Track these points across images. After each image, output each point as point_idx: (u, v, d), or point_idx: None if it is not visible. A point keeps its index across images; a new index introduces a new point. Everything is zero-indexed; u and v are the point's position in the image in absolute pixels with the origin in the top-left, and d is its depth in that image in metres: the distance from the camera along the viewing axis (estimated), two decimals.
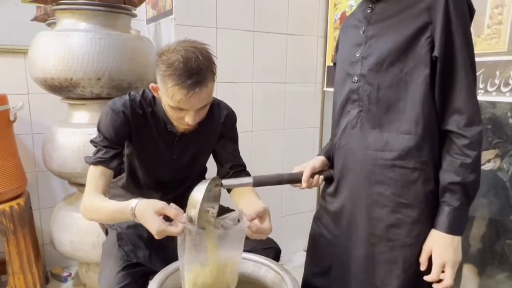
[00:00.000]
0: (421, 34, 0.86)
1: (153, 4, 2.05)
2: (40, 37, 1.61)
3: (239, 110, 2.07)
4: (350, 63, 0.98)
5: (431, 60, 0.86)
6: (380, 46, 0.91)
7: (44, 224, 2.05)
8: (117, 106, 1.10)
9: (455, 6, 0.83)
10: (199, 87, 0.96)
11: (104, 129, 1.10)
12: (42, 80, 1.60)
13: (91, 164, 1.09)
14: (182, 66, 0.94)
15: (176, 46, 0.98)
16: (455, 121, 0.86)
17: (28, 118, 1.96)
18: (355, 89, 0.96)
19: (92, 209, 1.04)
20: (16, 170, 1.73)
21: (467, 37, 0.85)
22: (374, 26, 0.94)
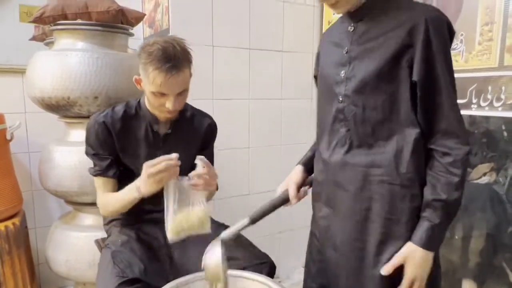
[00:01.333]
0: (402, 57, 0.87)
1: (150, 23, 2.08)
2: (38, 57, 1.63)
3: (236, 126, 2.10)
4: (335, 82, 0.98)
5: (412, 82, 0.87)
6: (363, 68, 0.91)
7: (39, 243, 2.03)
8: (98, 119, 1.22)
9: (435, 29, 0.84)
10: (176, 71, 1.10)
11: (90, 142, 1.24)
12: (39, 99, 1.61)
13: (92, 175, 1.25)
14: (161, 53, 1.08)
15: (156, 38, 1.13)
16: (441, 140, 0.87)
17: (25, 137, 1.96)
18: (341, 109, 0.97)
19: (106, 203, 1.24)
20: (12, 190, 1.72)
21: (447, 60, 0.86)
22: (357, 47, 0.94)
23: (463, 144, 0.86)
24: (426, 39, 0.84)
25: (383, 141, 0.92)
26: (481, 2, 1.36)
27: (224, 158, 2.05)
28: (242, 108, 2.08)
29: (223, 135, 2.03)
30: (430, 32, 0.83)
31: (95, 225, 1.69)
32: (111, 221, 1.37)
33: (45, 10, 1.59)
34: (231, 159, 2.09)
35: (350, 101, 0.94)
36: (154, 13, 2.02)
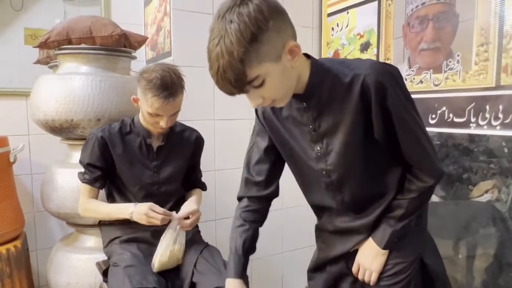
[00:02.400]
0: (364, 120, 0.87)
1: (152, 46, 2.13)
2: (42, 80, 1.66)
3: (237, 146, 2.11)
4: (311, 158, 0.96)
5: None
6: (336, 143, 0.91)
7: (40, 265, 2.01)
8: (97, 133, 1.37)
9: (383, 87, 0.83)
10: (173, 98, 1.27)
11: (86, 154, 1.37)
12: (43, 121, 1.63)
13: (81, 181, 1.40)
14: (160, 82, 1.24)
15: (155, 67, 1.28)
16: (414, 170, 0.93)
17: (27, 159, 1.97)
18: (330, 182, 0.96)
19: (91, 209, 1.39)
20: (14, 212, 1.72)
21: (405, 107, 0.86)
22: (321, 124, 0.91)
23: (436, 178, 0.91)
24: (378, 99, 0.83)
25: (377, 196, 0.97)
26: (476, 24, 1.39)
27: (224, 178, 2.06)
28: (243, 128, 2.10)
29: (224, 155, 2.06)
30: (380, 91, 0.83)
31: (96, 247, 1.68)
32: (110, 241, 1.40)
33: (50, 35, 1.63)
34: (231, 179, 2.09)
35: (336, 174, 0.94)
36: (156, 36, 2.06)
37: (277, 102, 0.85)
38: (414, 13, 1.62)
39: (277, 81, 0.79)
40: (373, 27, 1.82)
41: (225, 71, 0.73)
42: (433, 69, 1.57)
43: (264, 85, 0.78)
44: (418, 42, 1.61)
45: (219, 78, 0.75)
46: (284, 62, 0.79)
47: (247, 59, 0.73)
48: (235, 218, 1.08)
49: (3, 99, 1.92)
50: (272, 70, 0.77)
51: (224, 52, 0.72)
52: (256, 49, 0.73)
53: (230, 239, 1.06)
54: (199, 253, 1.33)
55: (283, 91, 0.84)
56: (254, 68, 0.75)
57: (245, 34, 0.72)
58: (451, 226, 1.61)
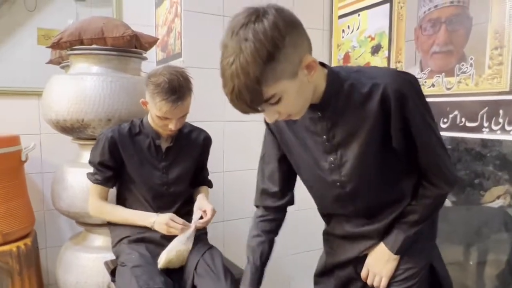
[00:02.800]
0: (383, 130, 0.86)
1: (163, 47, 2.14)
2: (54, 81, 1.67)
3: (247, 148, 2.11)
4: (324, 170, 0.94)
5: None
6: (351, 154, 0.90)
7: (50, 263, 2.03)
8: (106, 133, 1.38)
9: (403, 97, 0.82)
10: (181, 101, 1.27)
11: (96, 154, 1.38)
12: (54, 121, 1.65)
13: (92, 182, 1.41)
14: (168, 86, 1.24)
15: (162, 70, 1.28)
16: (430, 176, 0.92)
17: (39, 157, 1.99)
18: (343, 193, 0.95)
19: (105, 212, 1.42)
20: (24, 210, 1.74)
21: (424, 118, 0.86)
22: (336, 134, 0.90)
23: (451, 186, 0.92)
24: (398, 109, 0.82)
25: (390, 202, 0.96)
26: (490, 27, 1.37)
27: (232, 180, 2.06)
28: (253, 129, 2.10)
29: (233, 156, 2.06)
30: (400, 100, 0.82)
31: (104, 246, 1.69)
32: (119, 241, 1.41)
33: (62, 36, 1.64)
34: (240, 180, 2.09)
35: (351, 185, 0.93)
36: (167, 37, 2.07)
37: (293, 116, 0.83)
38: (426, 15, 1.61)
39: (294, 97, 0.77)
40: (385, 29, 1.81)
41: (241, 91, 0.71)
42: (445, 73, 1.55)
43: (281, 102, 0.76)
44: (430, 45, 1.59)
45: (234, 97, 0.73)
46: (300, 78, 0.77)
47: (263, 78, 0.71)
48: (253, 227, 1.10)
49: (16, 98, 1.95)
50: (289, 87, 0.75)
51: (239, 72, 0.70)
52: (273, 68, 0.71)
53: (247, 247, 1.08)
54: (201, 256, 1.33)
55: (300, 106, 0.82)
56: (271, 87, 0.73)
57: (261, 53, 0.69)
58: (462, 232, 1.59)
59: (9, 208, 1.65)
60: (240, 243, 2.15)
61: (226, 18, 1.94)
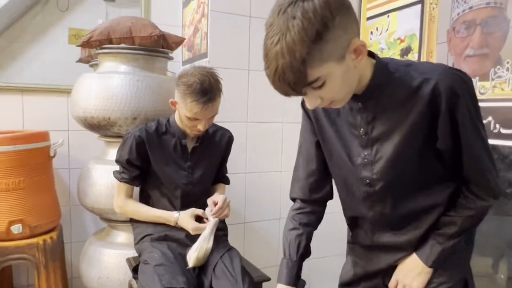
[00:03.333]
0: (425, 129, 0.81)
1: (189, 47, 2.15)
2: (83, 79, 1.71)
3: (269, 149, 2.10)
4: (356, 164, 0.90)
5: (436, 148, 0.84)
6: (388, 151, 0.85)
7: (74, 257, 2.08)
8: (134, 132, 1.38)
9: (457, 95, 0.77)
10: (212, 103, 1.28)
11: (124, 152, 1.38)
12: (82, 118, 1.68)
13: (118, 180, 1.42)
14: (199, 86, 1.25)
15: (193, 71, 1.29)
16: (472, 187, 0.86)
17: (66, 153, 2.04)
18: (372, 192, 0.90)
19: (130, 211, 1.44)
20: (51, 205, 1.79)
21: (474, 123, 0.80)
22: (375, 128, 0.86)
23: (495, 198, 0.85)
24: (449, 108, 0.78)
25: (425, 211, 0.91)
26: None
27: (255, 181, 2.05)
28: (275, 131, 2.08)
29: (255, 157, 2.05)
30: (452, 99, 0.77)
31: (127, 243, 1.71)
32: (142, 239, 1.42)
33: (92, 35, 1.68)
34: (262, 182, 2.08)
35: (381, 184, 0.88)
36: (193, 37, 2.08)
37: (336, 103, 0.79)
38: (460, 17, 1.55)
39: (338, 82, 0.73)
40: (415, 31, 1.75)
41: (284, 72, 0.67)
42: (479, 77, 1.48)
43: (324, 86, 0.72)
44: (464, 48, 1.53)
45: (277, 79, 0.69)
46: (347, 62, 0.72)
47: (310, 59, 0.67)
48: (288, 220, 1.05)
49: (47, 95, 2.00)
50: (334, 70, 0.71)
51: (284, 52, 0.66)
52: (320, 49, 0.67)
53: (283, 241, 1.03)
54: (220, 257, 1.32)
55: (344, 92, 0.77)
56: (316, 69, 0.69)
57: (310, 32, 0.65)
58: (493, 243, 1.52)
59: (37, 202, 1.70)
60: (260, 245, 2.15)
61: (253, 18, 1.94)
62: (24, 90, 1.96)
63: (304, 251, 1.00)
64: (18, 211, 1.64)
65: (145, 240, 1.38)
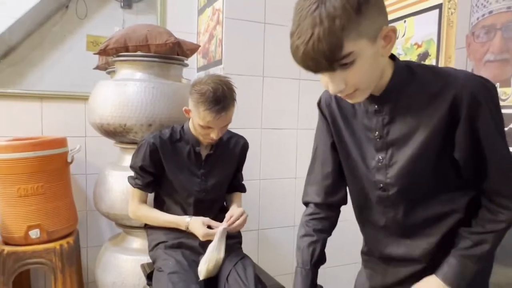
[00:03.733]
0: (444, 135, 0.79)
1: (204, 54, 2.16)
2: (100, 86, 1.74)
3: (284, 156, 2.09)
4: (370, 168, 0.88)
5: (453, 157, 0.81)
6: (403, 156, 0.83)
7: (90, 262, 2.10)
8: (148, 139, 1.39)
9: (479, 102, 0.74)
10: (225, 112, 1.27)
11: (138, 159, 1.39)
12: (99, 125, 1.71)
13: (132, 186, 1.43)
14: (212, 95, 1.24)
15: (207, 79, 1.28)
16: (495, 198, 0.82)
17: (83, 159, 2.07)
18: (385, 197, 0.88)
19: (143, 215, 1.45)
20: (68, 210, 1.81)
21: (496, 134, 0.77)
22: (390, 132, 0.84)
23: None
24: (470, 116, 0.75)
25: (436, 221, 0.86)
26: None
27: (269, 187, 2.04)
28: (290, 137, 2.07)
29: (269, 164, 2.04)
30: (474, 107, 0.74)
31: (142, 249, 1.72)
32: (156, 246, 1.42)
33: (109, 43, 1.70)
34: (278, 189, 2.07)
35: (394, 190, 0.86)
36: (208, 44, 2.09)
37: (358, 94, 0.76)
38: (479, 22, 1.51)
39: (367, 65, 0.72)
40: (433, 36, 1.72)
41: (320, 40, 0.65)
42: (500, 82, 1.44)
43: (354, 65, 0.70)
44: (484, 53, 1.49)
45: (309, 48, 0.66)
46: (378, 46, 0.72)
47: (348, 29, 0.66)
48: (301, 226, 1.02)
49: (65, 102, 2.04)
50: (366, 49, 0.70)
51: (323, 18, 0.65)
52: (358, 21, 0.67)
53: (296, 249, 1.00)
54: (233, 265, 1.31)
55: (369, 80, 0.76)
56: (351, 42, 0.67)
57: (352, 2, 0.66)
58: None
59: (55, 207, 1.72)
60: (275, 252, 2.13)
61: (267, 25, 1.94)
62: (43, 97, 2.01)
63: (318, 259, 0.97)
64: (36, 216, 1.67)
65: (159, 247, 1.39)
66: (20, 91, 1.98)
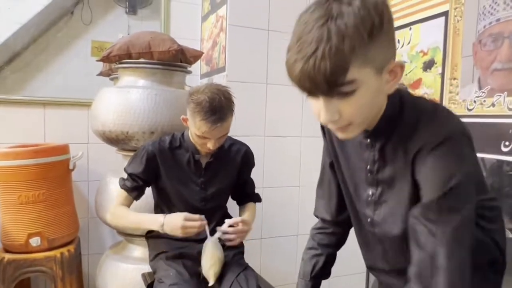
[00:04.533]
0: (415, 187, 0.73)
1: (207, 61, 2.15)
2: (102, 93, 1.73)
3: (287, 164, 2.07)
4: (361, 200, 0.85)
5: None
6: (394, 197, 0.78)
7: (91, 270, 2.08)
8: (147, 146, 1.37)
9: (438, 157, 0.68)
10: (221, 123, 1.23)
11: (133, 164, 1.37)
12: (101, 132, 1.70)
13: (120, 186, 1.40)
14: (208, 105, 1.20)
15: (204, 88, 1.24)
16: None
17: (85, 166, 2.06)
18: (371, 231, 0.85)
19: (120, 216, 1.37)
20: (70, 217, 1.80)
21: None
22: (381, 169, 0.79)
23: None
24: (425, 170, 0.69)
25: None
26: None
27: (272, 196, 2.01)
28: (293, 145, 2.05)
29: (273, 172, 2.02)
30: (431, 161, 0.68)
31: (143, 258, 1.70)
32: (156, 256, 1.40)
33: (112, 50, 1.70)
34: (281, 197, 2.04)
35: (380, 229, 0.82)
36: (211, 51, 2.08)
37: (351, 129, 0.70)
38: (486, 30, 1.49)
39: (367, 98, 0.65)
40: (439, 44, 1.69)
41: (324, 58, 0.58)
42: (507, 91, 1.41)
43: (352, 95, 0.64)
44: (491, 62, 1.47)
45: (310, 65, 0.59)
46: (382, 80, 0.66)
47: (356, 52, 0.59)
48: (309, 238, 1.03)
49: (68, 108, 2.04)
50: (370, 81, 0.64)
51: (332, 34, 0.57)
52: (368, 47, 0.60)
53: (301, 260, 1.01)
54: (235, 277, 1.28)
55: (365, 115, 0.69)
56: (357, 68, 0.61)
57: (366, 23, 0.59)
58: None
59: (56, 214, 1.71)
60: (277, 261, 2.11)
61: (271, 32, 1.93)
62: (46, 104, 2.00)
63: (319, 273, 0.97)
64: (37, 224, 1.66)
65: (160, 257, 1.37)
66: (23, 97, 1.98)
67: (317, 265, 0.97)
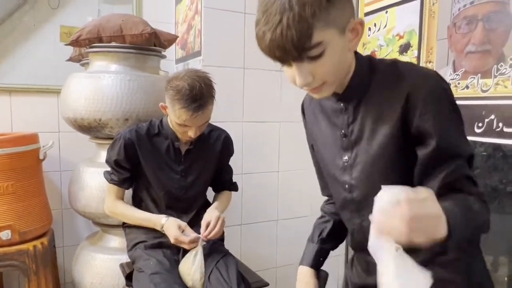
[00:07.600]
0: (403, 133, 0.76)
1: (182, 45, 2.09)
2: (72, 79, 1.65)
3: (266, 149, 2.05)
4: (337, 168, 0.87)
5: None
6: (366, 154, 0.81)
7: (66, 262, 2.03)
8: (124, 133, 1.32)
9: (433, 101, 0.73)
10: (202, 110, 1.20)
11: (113, 154, 1.33)
12: (72, 120, 1.63)
13: (108, 182, 1.37)
14: (188, 92, 1.16)
15: (184, 75, 1.20)
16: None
17: (57, 156, 1.99)
18: (349, 199, 0.87)
19: (119, 212, 1.38)
20: (42, 209, 1.73)
21: (452, 129, 0.75)
22: (354, 130, 0.82)
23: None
24: (424, 112, 0.73)
25: None
26: None
27: (251, 182, 2.00)
28: (272, 131, 2.04)
29: (251, 158, 2.00)
30: (427, 105, 0.73)
31: (120, 247, 1.67)
32: (135, 245, 1.37)
33: (81, 33, 1.62)
34: (259, 183, 2.03)
35: (358, 191, 0.84)
36: (186, 35, 2.03)
37: (325, 88, 0.74)
38: (461, 12, 1.50)
39: (335, 57, 0.70)
40: (414, 27, 1.70)
41: (289, 26, 0.63)
42: (481, 74, 1.44)
43: (322, 57, 0.68)
44: (465, 44, 1.48)
45: (277, 35, 0.64)
46: (346, 39, 0.71)
47: (318, 16, 0.64)
48: (320, 211, 1.09)
49: (36, 96, 1.95)
50: (335, 40, 0.68)
51: (293, 4, 0.62)
52: (328, 10, 0.65)
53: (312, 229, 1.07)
54: (215, 264, 1.27)
55: (336, 73, 0.74)
56: (321, 31, 0.65)
57: None
58: (495, 242, 1.48)
59: (27, 206, 1.64)
60: (257, 247, 2.11)
61: (247, 15, 1.88)
62: (12, 91, 1.91)
63: (326, 237, 1.01)
64: (7, 217, 1.59)
65: (139, 247, 1.34)
66: None
67: (325, 230, 1.02)
